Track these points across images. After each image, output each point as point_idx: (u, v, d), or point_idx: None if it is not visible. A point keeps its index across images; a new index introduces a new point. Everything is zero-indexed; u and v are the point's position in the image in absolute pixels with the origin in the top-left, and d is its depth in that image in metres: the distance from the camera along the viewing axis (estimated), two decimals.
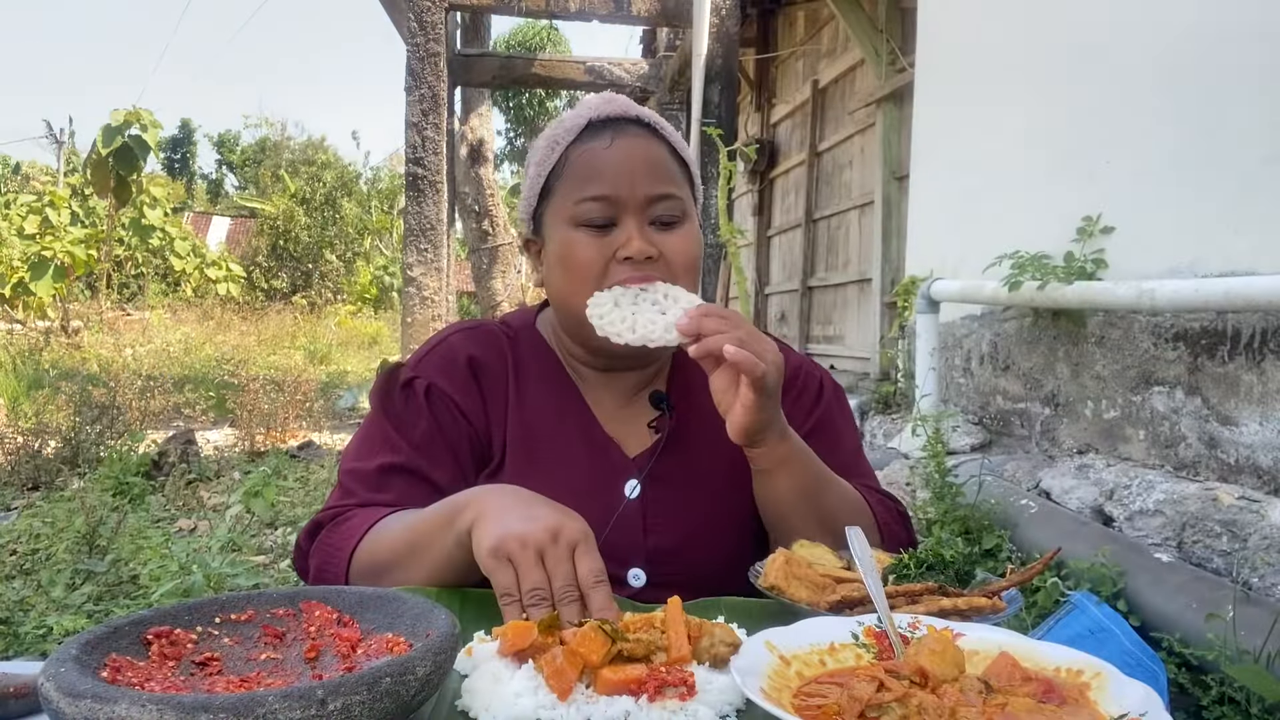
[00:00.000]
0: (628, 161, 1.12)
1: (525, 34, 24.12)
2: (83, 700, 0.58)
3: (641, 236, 1.11)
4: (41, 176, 23.46)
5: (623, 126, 1.14)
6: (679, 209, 1.14)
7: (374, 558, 1.04)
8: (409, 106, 6.35)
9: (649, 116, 1.18)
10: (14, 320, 12.62)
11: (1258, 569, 2.06)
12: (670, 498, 1.18)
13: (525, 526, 0.88)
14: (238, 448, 6.11)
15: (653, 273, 1.11)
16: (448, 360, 1.20)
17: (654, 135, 1.17)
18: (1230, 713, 1.80)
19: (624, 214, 1.12)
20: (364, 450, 1.17)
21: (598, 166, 1.12)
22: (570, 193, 1.13)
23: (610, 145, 1.13)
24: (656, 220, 1.13)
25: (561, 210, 1.14)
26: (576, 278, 1.12)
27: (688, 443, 1.21)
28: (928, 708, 0.64)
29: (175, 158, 37.60)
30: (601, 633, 0.72)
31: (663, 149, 1.16)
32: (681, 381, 1.25)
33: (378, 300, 22.18)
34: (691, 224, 1.17)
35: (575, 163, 1.13)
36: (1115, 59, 3.02)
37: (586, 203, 1.11)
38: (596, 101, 1.17)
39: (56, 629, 2.78)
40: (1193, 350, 2.62)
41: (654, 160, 1.14)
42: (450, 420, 1.17)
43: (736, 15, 6.52)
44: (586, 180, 1.12)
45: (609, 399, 1.23)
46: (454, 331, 1.25)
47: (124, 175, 13.57)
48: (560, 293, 1.16)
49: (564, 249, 1.13)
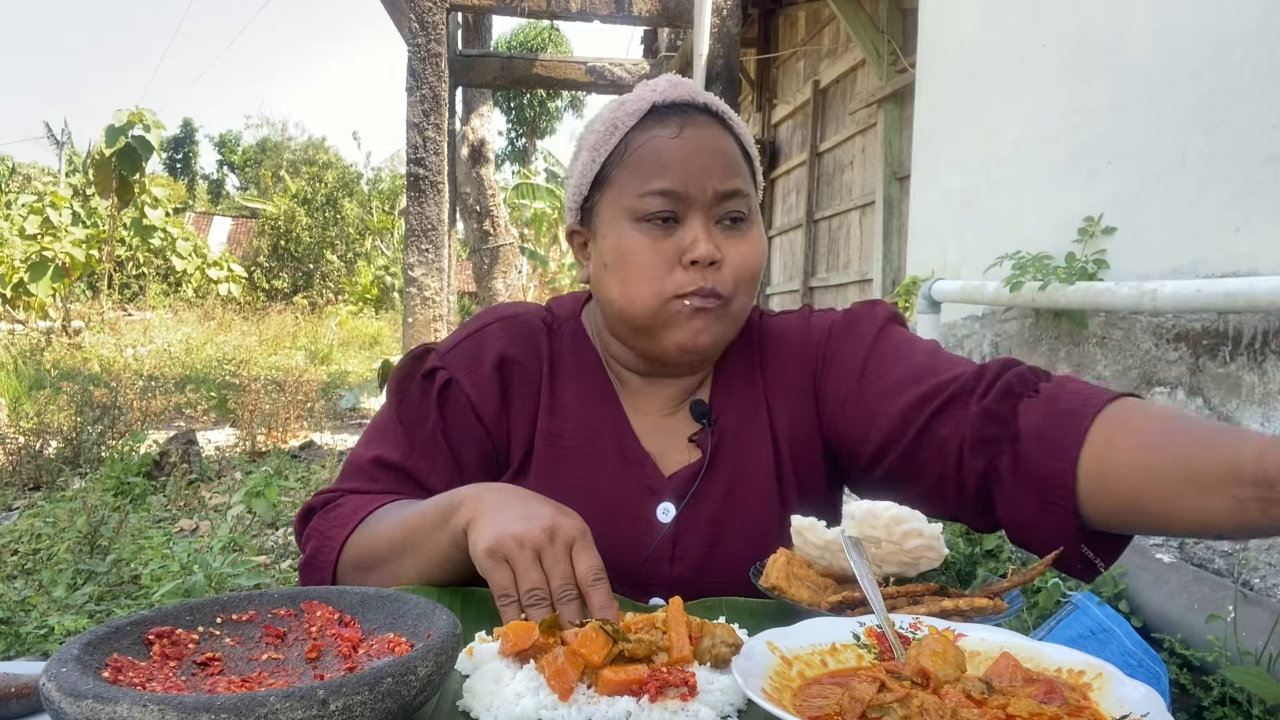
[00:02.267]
0: (697, 153, 1.03)
1: (526, 34, 24.14)
2: (84, 700, 0.58)
3: (708, 238, 1.02)
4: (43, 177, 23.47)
5: (691, 114, 1.05)
6: (747, 206, 1.06)
7: (365, 550, 1.01)
8: (410, 107, 6.35)
9: (717, 104, 1.09)
10: (15, 320, 12.63)
11: (1258, 570, 2.06)
12: (703, 525, 1.09)
13: (522, 526, 0.87)
14: (239, 448, 6.11)
15: (718, 279, 1.03)
16: (475, 357, 1.12)
17: (723, 126, 1.07)
18: (1232, 713, 1.80)
19: (690, 211, 1.03)
20: (371, 438, 1.14)
21: (665, 157, 1.02)
22: (632, 184, 1.04)
23: (679, 134, 1.03)
24: (724, 220, 1.05)
25: (620, 202, 1.05)
26: (634, 278, 1.04)
27: (726, 460, 1.11)
28: (929, 708, 0.64)
29: (177, 158, 37.64)
30: (603, 633, 0.72)
31: (731, 141, 1.07)
32: (725, 387, 1.15)
33: (379, 300, 22.19)
34: (758, 227, 1.08)
35: (639, 151, 1.04)
36: (1117, 59, 3.02)
37: (651, 196, 1.02)
38: (662, 85, 1.08)
39: (58, 629, 2.78)
40: (1194, 351, 2.62)
41: (724, 153, 1.05)
42: (461, 423, 1.11)
43: (737, 15, 6.52)
44: (652, 172, 1.02)
45: (649, 406, 1.14)
46: (491, 321, 1.15)
47: (126, 175, 13.56)
48: (612, 292, 1.07)
49: (621, 246, 1.04)
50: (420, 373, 1.13)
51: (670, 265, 1.03)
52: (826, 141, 7.36)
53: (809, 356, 1.15)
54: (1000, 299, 3.33)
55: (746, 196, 1.07)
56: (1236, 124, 2.52)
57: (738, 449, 1.13)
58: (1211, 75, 2.61)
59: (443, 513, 0.95)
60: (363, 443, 1.15)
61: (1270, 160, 2.39)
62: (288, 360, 11.47)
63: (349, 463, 1.15)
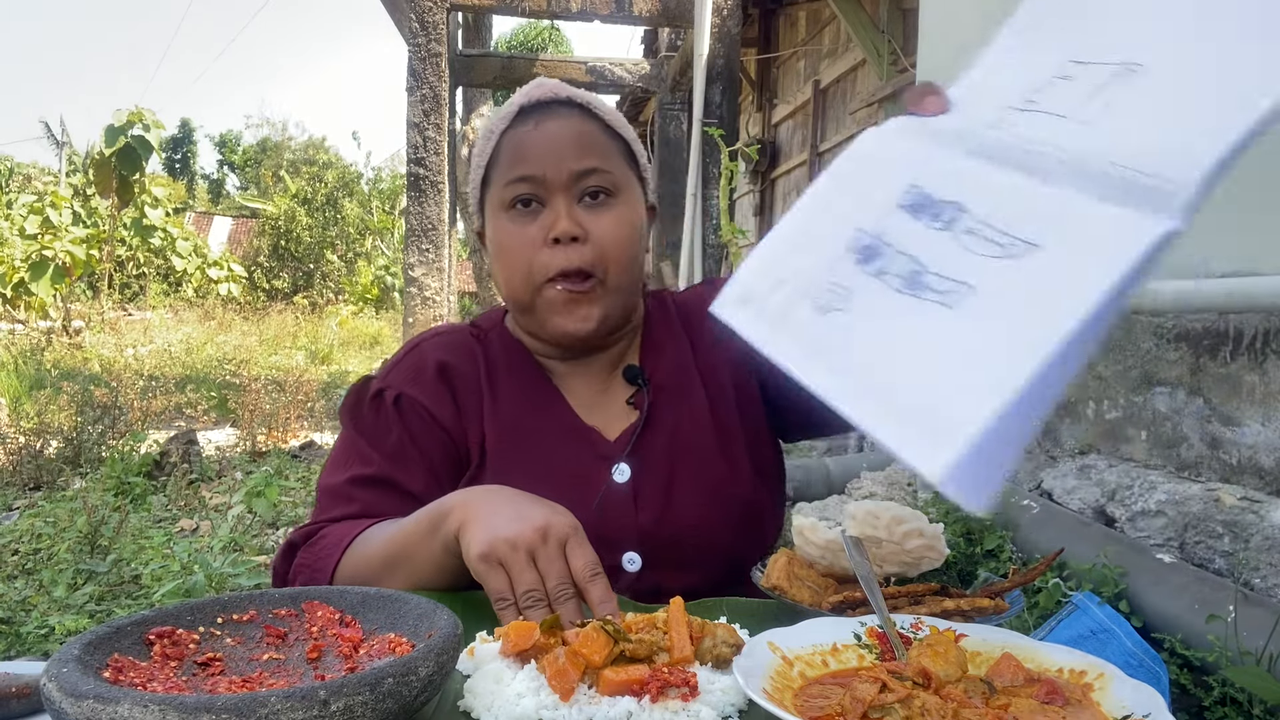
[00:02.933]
0: (552, 141, 1.11)
1: (527, 34, 24.14)
2: (85, 700, 0.58)
3: (569, 216, 1.09)
4: (43, 177, 23.47)
5: (550, 108, 1.14)
6: (610, 183, 1.12)
7: (358, 571, 1.01)
8: (410, 107, 6.35)
9: (581, 96, 1.17)
10: (16, 320, 12.63)
11: (1259, 570, 2.05)
12: (657, 475, 1.15)
13: (514, 527, 0.87)
14: (239, 448, 6.11)
15: (582, 255, 1.09)
16: (417, 369, 1.18)
17: (585, 113, 1.15)
18: (1232, 713, 1.80)
19: (551, 194, 1.10)
20: (337, 465, 1.15)
21: (522, 148, 1.12)
22: (500, 178, 1.13)
23: (535, 127, 1.12)
24: (585, 197, 1.11)
25: (495, 197, 1.14)
26: (509, 263, 1.12)
27: (667, 414, 1.19)
28: (931, 709, 0.64)
29: (176, 158, 37.66)
30: (604, 633, 0.72)
31: (592, 125, 1.14)
32: (653, 350, 1.23)
33: (379, 300, 22.18)
34: (626, 202, 1.14)
35: (505, 148, 1.13)
36: None
37: (512, 184, 1.11)
38: (528, 88, 1.17)
39: (58, 629, 2.79)
40: (1195, 350, 2.62)
41: (582, 136, 1.12)
42: (423, 428, 1.14)
43: (738, 15, 6.52)
44: (512, 163, 1.12)
45: (583, 386, 1.20)
46: (423, 339, 1.23)
47: (126, 175, 13.58)
48: (500, 280, 1.16)
49: (497, 236, 1.14)
50: (368, 396, 1.17)
51: (537, 246, 1.10)
52: (827, 141, 7.36)
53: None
54: None
55: (609, 173, 1.12)
56: None
57: (675, 400, 1.20)
58: None
59: (432, 522, 0.95)
60: (329, 472, 1.16)
61: (1270, 161, 2.39)
62: (288, 360, 11.46)
63: (322, 492, 1.15)
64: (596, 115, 1.16)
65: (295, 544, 1.10)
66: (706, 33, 6.16)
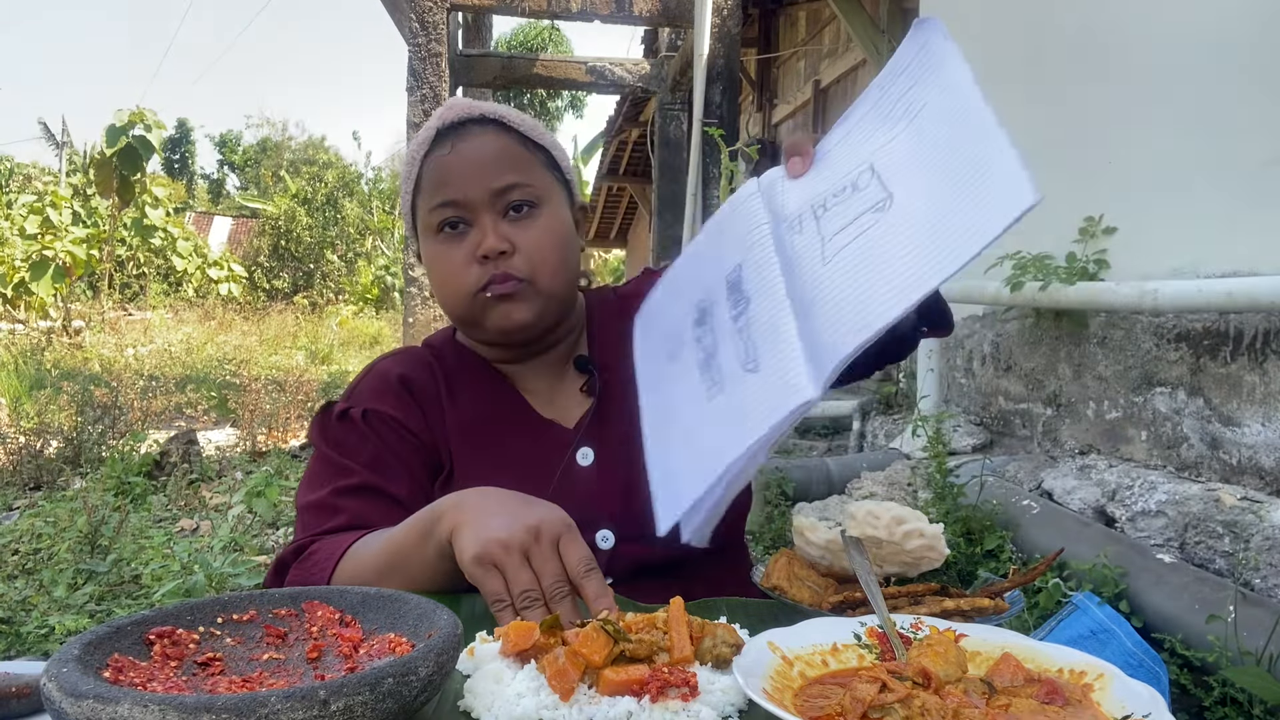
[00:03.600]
0: (469, 162, 1.14)
1: (527, 34, 24.14)
2: (85, 700, 0.58)
3: (494, 232, 1.13)
4: (43, 177, 23.47)
5: (465, 129, 1.17)
6: (532, 195, 1.16)
7: (353, 583, 1.01)
8: (411, 107, 6.35)
9: (494, 111, 1.20)
10: (16, 320, 12.63)
11: (1259, 570, 2.06)
12: (619, 454, 1.18)
13: (506, 528, 0.87)
14: (239, 448, 6.11)
15: (511, 266, 1.13)
16: (380, 385, 1.21)
17: (499, 128, 1.18)
18: (1233, 713, 1.80)
19: (476, 213, 1.14)
20: (316, 483, 1.16)
21: (441, 174, 1.15)
22: (425, 204, 1.17)
23: (451, 151, 1.16)
24: (511, 210, 1.15)
25: (424, 222, 1.18)
26: (444, 283, 1.17)
27: (622, 396, 1.21)
28: (931, 709, 0.64)
29: (174, 158, 37.66)
30: (604, 633, 0.72)
31: (508, 139, 1.17)
32: (600, 340, 1.28)
33: (379, 300, 22.17)
34: (552, 210, 1.18)
35: (426, 174, 1.17)
36: (1117, 60, 3.02)
37: (436, 210, 1.15)
38: (441, 110, 1.21)
39: (58, 629, 2.79)
40: (1195, 351, 2.62)
41: (497, 153, 1.15)
42: (396, 438, 1.17)
43: (738, 15, 6.52)
44: (434, 189, 1.16)
45: (538, 383, 1.25)
46: (379, 361, 1.28)
47: (127, 175, 13.58)
48: (439, 298, 1.21)
49: (430, 258, 1.18)
50: (334, 417, 1.19)
51: (467, 265, 1.14)
52: None
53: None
54: (1001, 299, 3.33)
55: (529, 186, 1.16)
56: (1237, 125, 2.52)
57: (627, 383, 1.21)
58: (1211, 75, 2.61)
59: (425, 528, 0.96)
60: (307, 490, 1.16)
61: (1270, 161, 2.39)
62: (288, 360, 11.47)
63: (304, 509, 1.15)
64: (511, 128, 1.19)
65: (286, 561, 1.09)
66: (706, 33, 6.16)
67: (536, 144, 1.20)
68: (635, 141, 11.70)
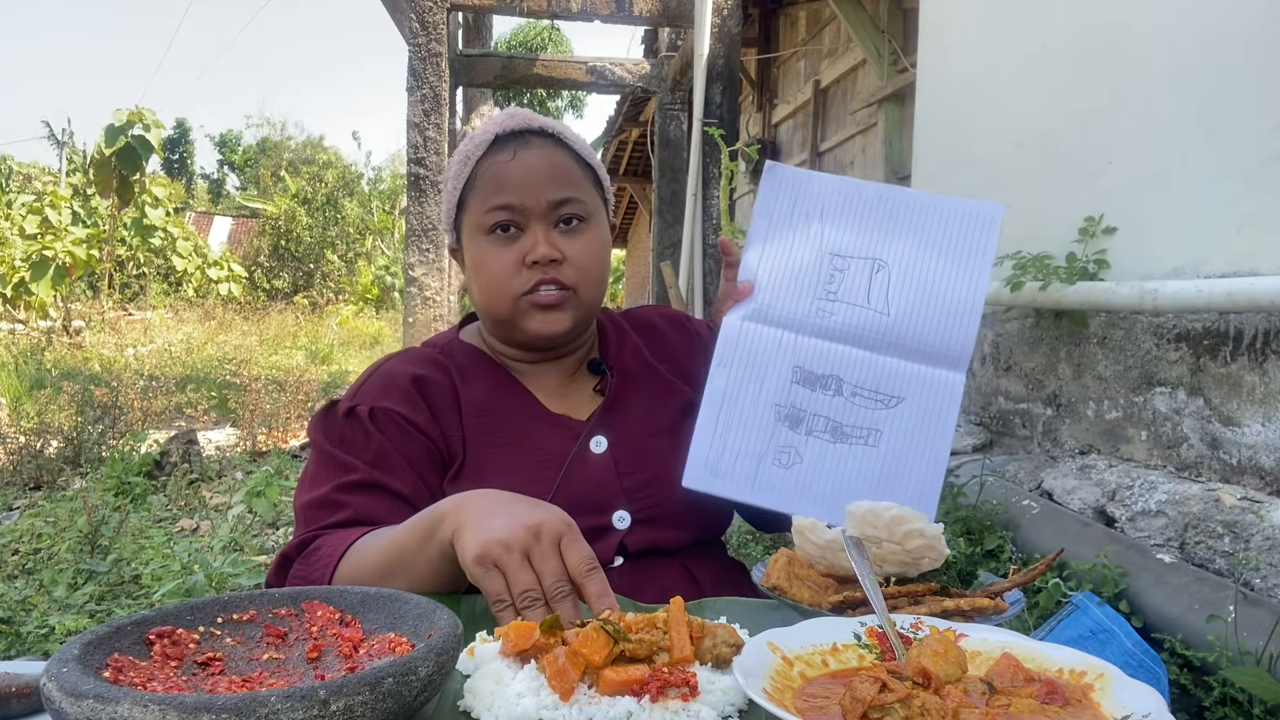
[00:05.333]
0: (530, 171, 1.20)
1: (527, 34, 24.14)
2: (85, 700, 0.58)
3: (546, 240, 1.19)
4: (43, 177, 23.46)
5: (525, 139, 1.22)
6: (583, 210, 1.22)
7: (355, 583, 1.02)
8: (411, 106, 6.35)
9: (552, 126, 1.26)
10: (16, 320, 12.63)
11: (1260, 570, 2.05)
12: (633, 442, 1.26)
13: (506, 529, 0.88)
14: (239, 448, 6.11)
15: (560, 274, 1.19)
16: (387, 383, 1.23)
17: (557, 144, 1.24)
18: (1233, 714, 1.80)
19: (530, 220, 1.20)
20: (317, 480, 1.16)
21: (502, 178, 1.20)
22: (479, 204, 1.21)
23: (513, 158, 1.20)
24: (560, 223, 1.21)
25: (473, 221, 1.22)
26: (489, 283, 1.21)
27: (632, 395, 1.31)
28: (930, 709, 0.64)
29: (173, 158, 37.65)
30: (604, 633, 0.72)
31: (565, 155, 1.23)
32: (613, 348, 1.35)
33: (379, 300, 22.16)
34: (597, 226, 1.25)
35: (483, 176, 1.22)
36: (1117, 59, 3.02)
37: (493, 212, 1.20)
38: (501, 117, 1.26)
39: (58, 629, 2.79)
40: (1195, 351, 2.62)
41: (556, 167, 1.21)
42: (401, 434, 1.18)
43: (738, 15, 6.51)
44: (493, 192, 1.20)
45: (549, 384, 1.30)
46: (385, 361, 1.30)
47: (127, 175, 13.58)
48: (478, 296, 1.25)
49: (477, 257, 1.23)
50: (339, 416, 1.20)
51: (516, 268, 1.20)
52: (827, 141, 7.35)
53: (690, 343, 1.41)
54: (1001, 299, 3.32)
55: (582, 201, 1.23)
56: (1236, 124, 2.52)
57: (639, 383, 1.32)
58: (1211, 75, 2.61)
59: (427, 528, 0.96)
60: (307, 488, 1.17)
61: (1271, 161, 2.39)
62: (288, 360, 11.47)
63: (305, 507, 1.15)
64: (568, 145, 1.25)
65: (289, 556, 1.10)
66: (706, 33, 6.15)
67: (587, 163, 1.27)
68: (635, 141, 11.70)
